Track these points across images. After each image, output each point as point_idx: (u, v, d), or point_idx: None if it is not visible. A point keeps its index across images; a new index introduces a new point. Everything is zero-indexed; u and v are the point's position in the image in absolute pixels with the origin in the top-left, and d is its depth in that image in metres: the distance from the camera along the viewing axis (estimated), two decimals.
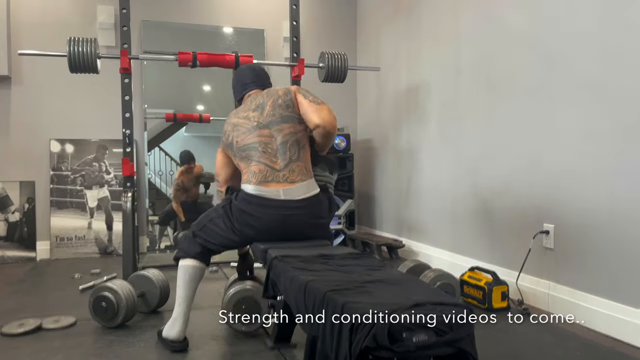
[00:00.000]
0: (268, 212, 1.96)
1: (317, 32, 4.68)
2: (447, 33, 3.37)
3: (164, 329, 2.08)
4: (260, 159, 2.02)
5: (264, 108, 2.10)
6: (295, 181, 2.00)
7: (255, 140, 2.05)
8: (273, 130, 2.06)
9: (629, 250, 2.13)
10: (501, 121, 2.88)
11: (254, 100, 2.18)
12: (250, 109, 2.13)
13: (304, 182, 2.02)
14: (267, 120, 2.07)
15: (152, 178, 4.18)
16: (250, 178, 2.01)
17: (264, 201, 1.96)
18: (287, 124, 2.07)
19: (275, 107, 2.09)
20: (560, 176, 2.47)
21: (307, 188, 2.02)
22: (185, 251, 2.07)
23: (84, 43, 2.82)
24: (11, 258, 3.82)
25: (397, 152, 4.07)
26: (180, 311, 2.06)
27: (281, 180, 1.99)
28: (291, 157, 2.03)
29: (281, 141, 2.04)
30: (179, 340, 2.04)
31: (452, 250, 3.36)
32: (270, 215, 1.96)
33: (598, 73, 2.26)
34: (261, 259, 2.07)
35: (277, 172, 2.00)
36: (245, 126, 2.09)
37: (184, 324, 2.06)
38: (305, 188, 2.02)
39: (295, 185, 2.00)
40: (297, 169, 2.02)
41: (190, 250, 2.06)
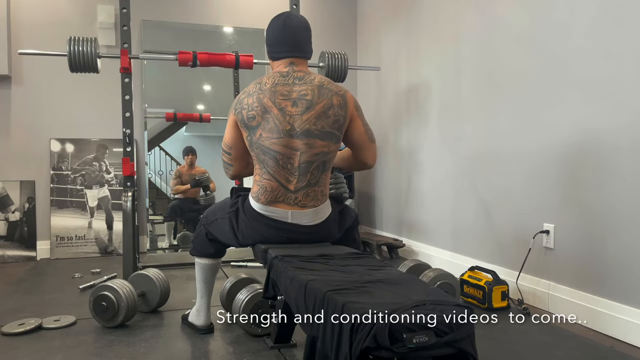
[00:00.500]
0: (274, 232, 1.86)
1: (317, 32, 4.65)
2: (447, 33, 3.37)
3: (190, 316, 2.29)
4: (276, 174, 1.82)
5: (309, 108, 1.80)
6: (307, 206, 1.85)
7: (279, 150, 1.80)
8: (302, 143, 1.80)
9: (629, 250, 2.13)
10: (501, 121, 2.88)
11: (298, 82, 1.84)
12: (291, 97, 1.82)
13: (315, 207, 1.86)
14: (304, 126, 1.79)
15: (152, 177, 4.18)
16: (260, 195, 1.85)
17: (270, 222, 1.85)
18: (322, 142, 1.82)
19: (321, 116, 1.80)
20: (560, 176, 2.47)
21: (316, 214, 1.87)
22: (200, 251, 2.16)
23: (84, 42, 2.82)
24: (11, 257, 3.82)
25: (397, 152, 4.07)
26: (203, 302, 2.24)
27: (292, 203, 1.84)
28: (310, 180, 1.83)
29: (306, 160, 1.81)
30: (207, 326, 2.24)
31: (452, 250, 3.36)
32: (276, 236, 1.87)
33: (598, 73, 2.27)
34: (261, 259, 2.07)
35: (289, 194, 1.83)
36: (275, 122, 1.79)
37: (208, 311, 2.25)
38: (314, 214, 1.86)
39: (305, 210, 1.85)
40: (312, 194, 1.85)
41: (204, 251, 2.15)
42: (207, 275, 2.19)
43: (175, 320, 2.41)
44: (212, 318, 2.30)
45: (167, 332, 2.26)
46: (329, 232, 1.94)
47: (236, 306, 2.17)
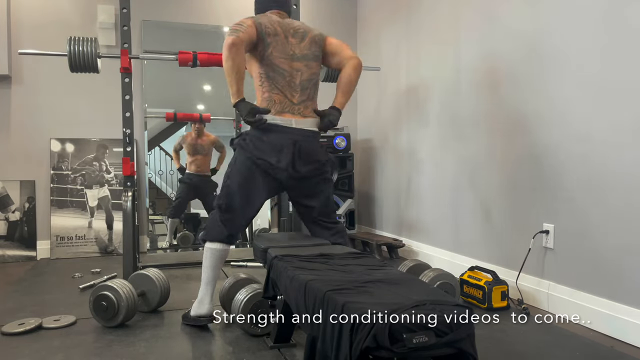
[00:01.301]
0: (280, 135, 2.17)
1: None
2: (447, 33, 3.37)
3: (192, 309, 2.30)
4: (283, 89, 2.21)
5: (303, 38, 2.28)
6: (307, 116, 2.25)
7: (286, 69, 2.22)
8: (303, 64, 2.25)
9: (629, 250, 2.13)
10: (500, 121, 2.88)
11: (291, 24, 2.29)
12: (290, 31, 2.26)
13: (313, 118, 2.27)
14: (303, 52, 2.26)
15: (152, 177, 4.18)
16: (269, 105, 2.19)
17: (277, 127, 2.17)
18: (315, 63, 2.30)
19: (312, 42, 2.30)
20: (560, 176, 2.47)
21: (313, 124, 2.26)
22: (214, 235, 2.23)
23: (84, 42, 2.82)
24: (11, 257, 3.82)
25: (397, 152, 4.07)
26: (206, 291, 2.27)
27: (295, 113, 2.22)
28: (309, 95, 2.28)
29: (306, 78, 2.26)
30: (209, 315, 2.27)
31: (452, 250, 3.36)
32: (282, 139, 2.16)
33: (598, 73, 2.27)
34: (261, 259, 2.07)
35: (293, 105, 2.22)
36: (283, 47, 2.22)
37: (212, 300, 2.29)
38: (312, 124, 2.26)
39: (305, 119, 2.24)
40: (310, 107, 2.28)
41: (219, 234, 2.23)
42: (216, 262, 2.25)
43: (175, 320, 2.42)
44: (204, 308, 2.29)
45: (167, 332, 2.26)
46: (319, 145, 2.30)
47: (235, 306, 2.17)
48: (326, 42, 2.37)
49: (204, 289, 2.27)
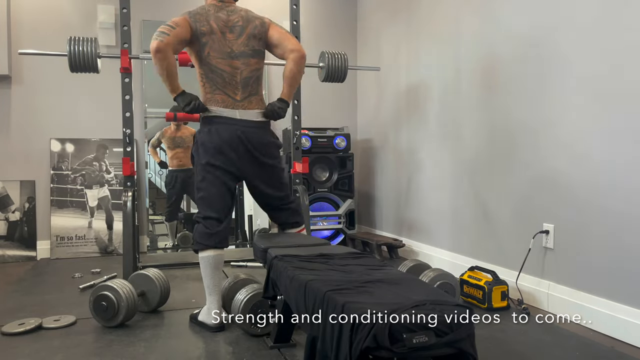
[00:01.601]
0: (227, 128, 2.22)
1: (317, 32, 4.68)
2: (447, 33, 3.37)
3: (200, 315, 2.31)
4: (225, 88, 2.24)
5: (241, 34, 2.27)
6: (251, 108, 2.27)
7: (225, 69, 2.24)
8: (241, 62, 2.26)
9: (629, 250, 2.13)
10: (500, 121, 2.88)
11: (231, 13, 2.27)
12: (228, 25, 2.25)
13: (259, 109, 2.30)
14: (240, 49, 2.26)
15: (152, 177, 4.17)
16: (213, 104, 2.24)
17: (223, 119, 2.23)
18: (254, 59, 2.29)
19: (250, 37, 2.27)
20: (560, 176, 2.47)
21: (260, 115, 2.30)
22: (204, 243, 2.23)
23: (84, 42, 2.82)
24: (11, 257, 3.82)
25: (397, 152, 4.07)
26: (212, 300, 2.26)
27: (239, 107, 2.25)
28: (251, 91, 2.29)
29: (246, 76, 2.27)
30: (220, 325, 2.25)
31: (452, 250, 3.36)
32: (229, 131, 2.21)
33: (598, 73, 2.27)
34: (261, 259, 2.07)
35: (236, 102, 2.25)
36: (220, 45, 2.23)
37: (219, 307, 2.26)
38: (258, 114, 2.29)
39: (250, 110, 2.27)
40: (255, 100, 2.30)
41: (208, 241, 2.22)
42: (212, 270, 2.24)
43: (175, 320, 2.42)
44: (211, 317, 2.30)
45: (167, 332, 2.26)
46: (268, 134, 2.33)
47: (235, 306, 2.17)
48: (268, 34, 2.33)
49: (209, 299, 2.28)
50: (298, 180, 3.30)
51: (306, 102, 4.51)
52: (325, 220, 4.11)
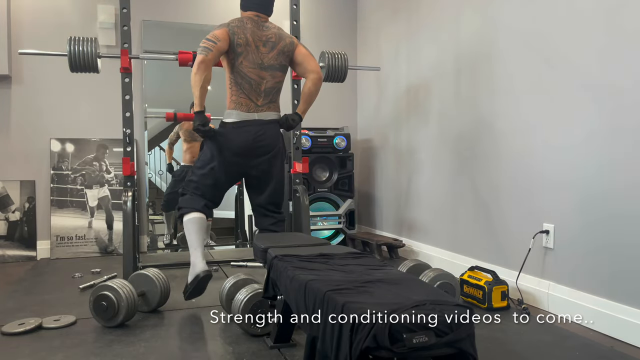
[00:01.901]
0: (246, 129, 2.48)
1: (317, 32, 4.68)
2: (447, 33, 3.37)
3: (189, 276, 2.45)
4: (249, 94, 2.50)
5: (273, 49, 2.54)
6: (269, 111, 2.55)
7: (253, 77, 2.50)
8: (269, 74, 2.53)
9: (629, 250, 2.13)
10: (501, 120, 2.88)
11: (265, 29, 2.55)
12: (262, 39, 2.52)
13: (275, 112, 2.59)
14: (269, 62, 2.53)
15: (152, 177, 4.18)
16: (236, 107, 2.50)
17: (243, 123, 2.48)
18: (279, 72, 2.58)
19: (280, 53, 2.56)
20: (560, 176, 2.47)
21: (275, 115, 2.58)
22: (191, 206, 2.49)
23: (84, 42, 2.82)
24: (11, 257, 3.82)
25: (397, 152, 4.07)
26: (197, 254, 2.45)
27: (259, 111, 2.52)
28: (271, 99, 2.57)
29: (270, 86, 2.55)
30: (207, 271, 2.41)
31: (452, 250, 3.37)
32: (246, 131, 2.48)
33: (598, 73, 2.27)
34: (261, 259, 2.08)
35: (257, 107, 2.52)
36: (253, 57, 2.49)
37: (204, 259, 2.45)
38: (275, 114, 2.58)
39: (267, 112, 2.54)
40: (273, 106, 2.58)
41: (195, 204, 2.49)
42: (197, 228, 2.47)
43: (175, 320, 2.42)
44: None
45: (167, 332, 2.26)
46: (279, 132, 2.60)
47: (235, 306, 2.17)
48: (295, 52, 2.61)
49: (193, 253, 2.46)
50: (298, 180, 3.30)
51: None
52: (325, 220, 4.11)
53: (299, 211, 3.23)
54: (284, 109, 2.67)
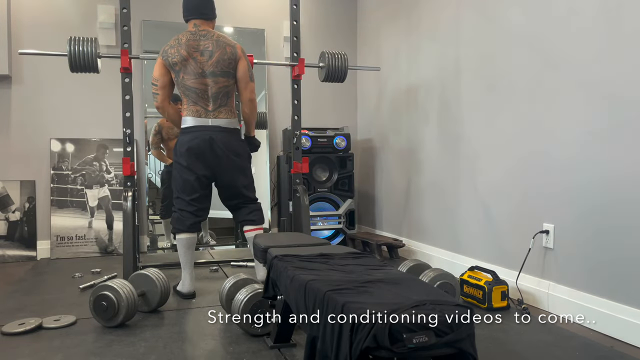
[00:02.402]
0: (200, 134, 2.63)
1: (318, 32, 4.68)
2: (447, 33, 3.37)
3: (179, 286, 2.79)
4: (198, 101, 2.65)
5: (211, 57, 2.64)
6: (220, 117, 2.68)
7: (197, 87, 2.64)
8: (211, 80, 2.65)
9: (629, 250, 2.13)
10: (501, 121, 2.88)
11: (203, 38, 2.66)
12: (200, 49, 2.64)
13: (228, 119, 2.70)
14: (210, 69, 2.64)
15: (152, 177, 4.18)
16: (190, 114, 2.67)
17: (197, 128, 2.65)
18: (223, 78, 2.67)
19: (219, 61, 2.65)
20: (560, 176, 2.47)
21: (230, 123, 2.71)
22: (179, 228, 2.71)
23: (84, 42, 2.82)
24: (12, 257, 3.83)
25: (397, 152, 4.07)
26: (186, 273, 2.75)
27: (211, 117, 2.67)
28: (220, 103, 2.68)
29: (215, 91, 2.66)
30: (190, 293, 2.76)
31: (452, 250, 3.37)
32: (202, 136, 2.63)
33: (598, 73, 2.27)
34: (261, 259, 2.08)
35: (208, 112, 2.66)
36: (192, 68, 2.63)
37: (192, 280, 2.76)
38: (228, 123, 2.70)
39: (220, 119, 2.68)
40: (224, 111, 2.69)
41: (182, 225, 2.70)
42: (186, 248, 2.72)
43: (176, 320, 2.42)
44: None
45: (167, 332, 2.26)
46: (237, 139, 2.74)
47: (235, 306, 2.17)
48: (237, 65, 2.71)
49: (184, 272, 2.75)
50: (298, 180, 3.30)
51: (306, 102, 4.51)
52: (325, 220, 4.11)
53: (299, 211, 3.23)
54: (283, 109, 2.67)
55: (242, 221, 2.83)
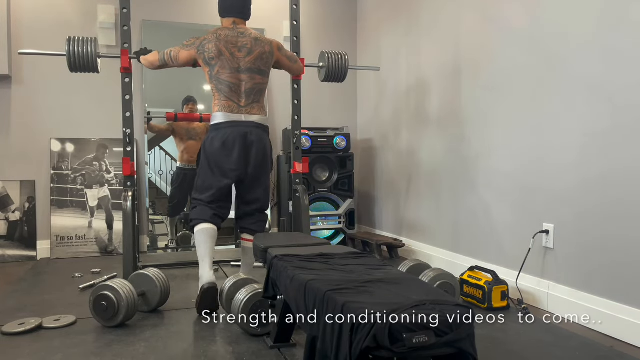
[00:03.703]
0: (234, 129, 2.61)
1: (318, 32, 4.68)
2: (447, 33, 3.37)
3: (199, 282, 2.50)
4: (231, 96, 2.64)
5: (249, 53, 2.67)
6: (253, 113, 2.67)
7: (231, 81, 2.63)
8: (247, 76, 2.66)
9: (629, 250, 2.13)
10: (501, 121, 2.88)
11: (241, 36, 2.69)
12: (238, 45, 2.66)
13: (260, 115, 2.71)
14: (247, 65, 2.66)
15: (152, 177, 4.18)
16: (220, 109, 2.63)
17: (231, 123, 2.62)
18: (259, 76, 2.70)
19: (258, 58, 2.69)
20: (560, 176, 2.48)
21: (261, 119, 2.71)
22: (200, 217, 2.60)
23: (83, 42, 2.82)
24: (11, 257, 3.83)
25: (397, 152, 4.07)
26: (204, 265, 2.51)
27: (243, 112, 2.65)
28: (253, 99, 2.69)
29: (249, 87, 2.67)
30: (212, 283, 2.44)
31: (452, 249, 3.37)
32: (237, 131, 2.61)
33: (598, 73, 2.27)
34: (261, 259, 2.08)
35: (241, 107, 2.65)
36: (228, 62, 2.63)
37: (211, 270, 2.51)
38: (260, 119, 2.70)
39: (253, 114, 2.67)
40: (257, 107, 2.70)
41: (203, 215, 2.60)
42: (207, 238, 2.56)
43: (175, 320, 2.42)
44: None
45: (167, 332, 2.26)
46: (266, 136, 2.74)
47: (235, 306, 2.17)
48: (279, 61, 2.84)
49: (200, 264, 2.54)
50: (298, 180, 3.30)
51: (306, 102, 4.51)
52: (325, 220, 4.11)
53: (299, 211, 3.23)
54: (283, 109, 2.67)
55: (245, 228, 2.78)
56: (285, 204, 4.07)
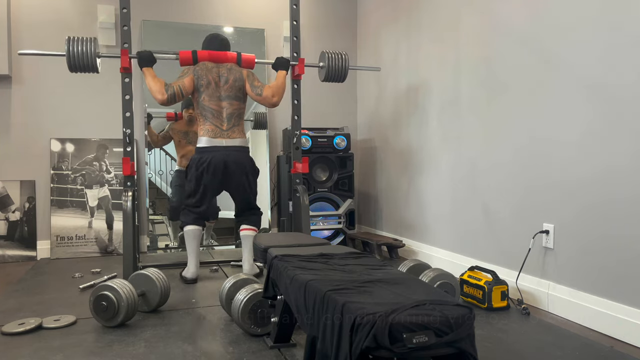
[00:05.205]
0: (216, 154, 3.00)
1: (318, 32, 4.68)
2: (447, 33, 3.37)
3: (184, 272, 3.12)
4: (214, 121, 3.04)
5: (226, 82, 3.08)
6: (234, 137, 3.07)
7: (213, 108, 3.05)
8: (226, 103, 3.07)
9: (629, 249, 2.13)
10: (501, 121, 2.88)
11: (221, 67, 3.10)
12: (218, 77, 3.07)
13: (240, 138, 3.10)
14: (225, 94, 3.07)
15: (152, 177, 4.18)
16: (205, 133, 3.04)
17: (213, 148, 3.02)
18: (236, 102, 3.10)
19: (232, 87, 3.09)
20: (560, 176, 2.48)
21: (242, 142, 3.11)
22: (185, 220, 3.11)
23: (83, 42, 2.82)
24: (11, 257, 3.83)
25: (397, 152, 4.07)
26: (191, 259, 3.09)
27: (225, 137, 3.05)
28: (234, 123, 3.09)
29: (229, 113, 3.08)
30: (193, 278, 3.08)
31: (452, 249, 3.37)
32: (217, 156, 3.00)
33: (598, 73, 2.27)
34: (261, 259, 2.08)
35: (222, 131, 3.05)
36: (214, 91, 3.05)
37: (196, 267, 3.09)
38: (241, 141, 3.10)
39: (233, 139, 3.06)
40: (237, 130, 3.09)
41: (188, 219, 3.10)
42: (192, 237, 3.09)
43: (175, 320, 2.42)
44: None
45: (167, 332, 2.26)
46: (248, 158, 3.12)
47: (235, 306, 2.17)
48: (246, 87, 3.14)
49: (190, 258, 3.09)
50: (298, 180, 3.30)
51: (306, 102, 4.51)
52: (325, 220, 4.11)
53: (299, 211, 3.23)
54: (283, 109, 2.67)
55: (241, 220, 3.22)
56: (285, 204, 4.07)
